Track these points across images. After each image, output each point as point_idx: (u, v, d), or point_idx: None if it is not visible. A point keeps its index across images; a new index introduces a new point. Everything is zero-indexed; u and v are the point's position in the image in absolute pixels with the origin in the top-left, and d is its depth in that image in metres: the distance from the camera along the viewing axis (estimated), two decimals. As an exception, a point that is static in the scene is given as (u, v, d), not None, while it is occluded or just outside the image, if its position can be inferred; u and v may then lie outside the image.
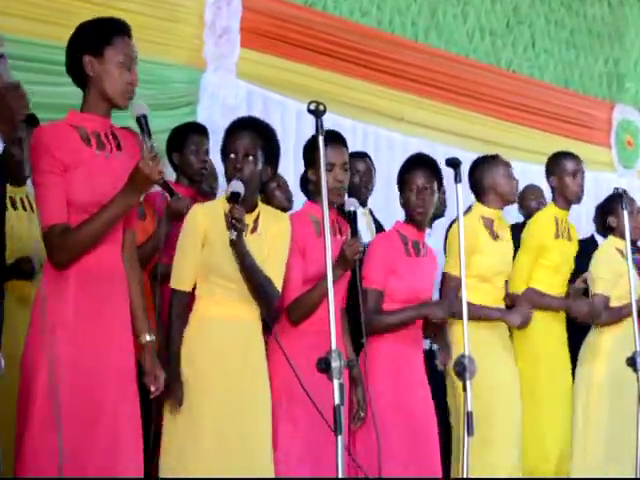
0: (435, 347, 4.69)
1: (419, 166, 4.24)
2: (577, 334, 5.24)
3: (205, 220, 3.54)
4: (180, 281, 3.55)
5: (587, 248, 5.57)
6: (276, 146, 3.71)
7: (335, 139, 3.97)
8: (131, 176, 3.05)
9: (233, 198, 3.48)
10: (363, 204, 5.40)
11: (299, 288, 3.80)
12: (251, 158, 3.58)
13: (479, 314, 4.65)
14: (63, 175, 3.02)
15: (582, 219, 7.13)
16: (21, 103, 2.84)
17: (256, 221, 3.63)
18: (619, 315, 5.16)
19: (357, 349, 4.10)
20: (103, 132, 3.16)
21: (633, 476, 4.58)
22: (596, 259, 5.35)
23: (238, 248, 3.47)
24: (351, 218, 3.94)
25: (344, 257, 3.81)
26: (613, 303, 5.21)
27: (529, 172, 7.41)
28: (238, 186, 3.51)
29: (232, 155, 3.58)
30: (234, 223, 3.41)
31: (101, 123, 3.16)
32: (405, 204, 4.25)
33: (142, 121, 3.13)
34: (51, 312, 3.01)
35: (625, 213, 4.67)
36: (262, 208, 3.70)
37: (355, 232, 3.92)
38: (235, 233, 3.42)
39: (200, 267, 3.54)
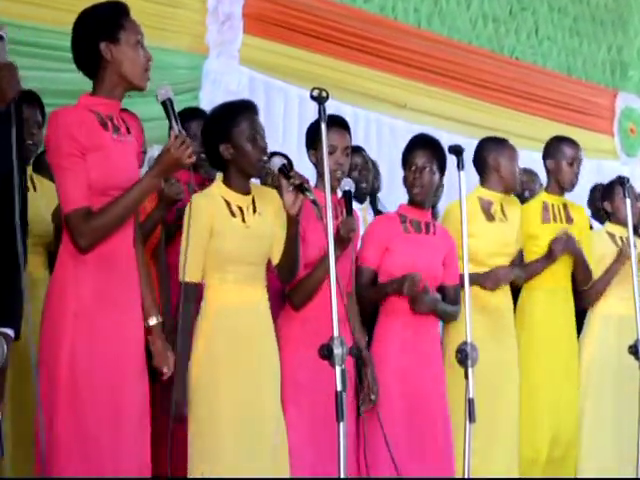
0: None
1: (420, 146, 4.25)
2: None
3: (209, 209, 3.51)
4: (191, 274, 3.46)
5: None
6: None
7: (339, 123, 3.98)
8: (159, 159, 3.07)
9: (285, 170, 3.52)
10: (361, 200, 5.37)
11: (300, 272, 3.79)
12: None
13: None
14: (83, 158, 3.03)
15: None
16: (12, 82, 2.80)
17: (253, 202, 3.62)
18: (606, 281, 5.20)
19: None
20: (115, 116, 3.17)
21: (634, 476, 4.58)
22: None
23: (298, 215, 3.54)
24: (346, 197, 3.94)
25: (339, 235, 3.77)
26: None
27: (531, 159, 7.37)
28: (280, 160, 3.56)
29: (261, 140, 3.58)
30: (305, 187, 3.46)
31: (114, 107, 3.17)
32: (405, 183, 4.27)
33: (168, 104, 3.13)
34: (70, 298, 3.00)
35: (628, 201, 4.66)
36: (253, 188, 3.68)
37: (350, 211, 3.91)
38: (310, 195, 3.45)
39: (211, 257, 3.50)
